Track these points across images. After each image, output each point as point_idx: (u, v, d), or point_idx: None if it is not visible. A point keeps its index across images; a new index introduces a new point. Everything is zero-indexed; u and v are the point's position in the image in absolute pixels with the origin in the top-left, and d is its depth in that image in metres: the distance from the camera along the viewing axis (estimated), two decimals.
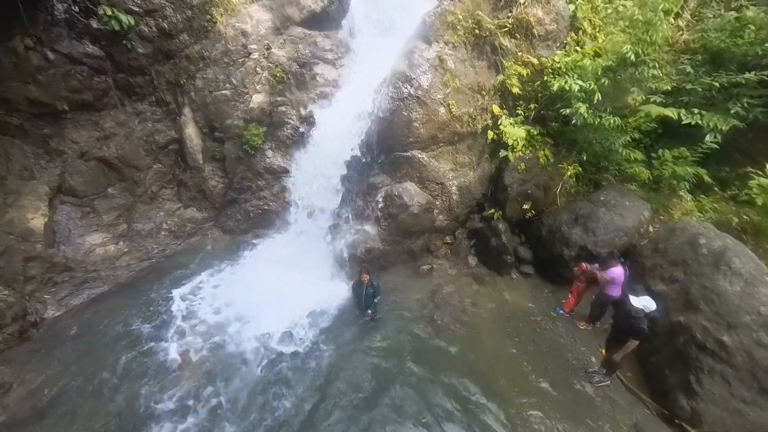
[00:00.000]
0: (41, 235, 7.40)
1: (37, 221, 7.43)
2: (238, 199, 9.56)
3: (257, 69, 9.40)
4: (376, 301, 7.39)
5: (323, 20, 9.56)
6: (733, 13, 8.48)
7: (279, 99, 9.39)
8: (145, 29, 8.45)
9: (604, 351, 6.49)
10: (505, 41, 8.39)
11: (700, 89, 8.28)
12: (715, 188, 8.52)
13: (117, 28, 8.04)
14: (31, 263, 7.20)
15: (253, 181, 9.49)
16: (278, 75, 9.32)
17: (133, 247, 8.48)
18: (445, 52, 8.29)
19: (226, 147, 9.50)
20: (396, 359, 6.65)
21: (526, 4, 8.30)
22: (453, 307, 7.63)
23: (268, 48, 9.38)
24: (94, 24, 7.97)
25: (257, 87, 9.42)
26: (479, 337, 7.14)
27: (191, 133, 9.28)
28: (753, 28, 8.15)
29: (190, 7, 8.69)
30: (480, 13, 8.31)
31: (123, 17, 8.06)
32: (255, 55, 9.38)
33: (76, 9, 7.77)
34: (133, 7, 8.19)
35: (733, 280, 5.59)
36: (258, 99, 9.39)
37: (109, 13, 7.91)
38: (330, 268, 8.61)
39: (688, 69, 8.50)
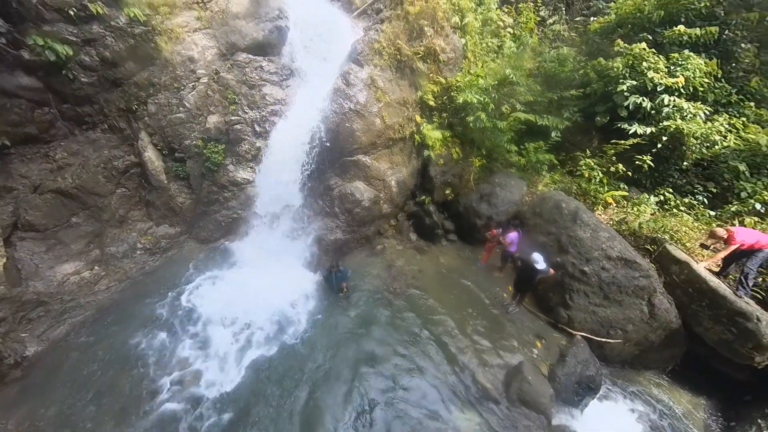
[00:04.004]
0: (2, 277, 5.90)
1: None
2: (207, 211, 8.70)
3: (208, 92, 8.45)
4: (344, 283, 7.53)
5: (266, 46, 8.84)
6: (556, 51, 10.10)
7: (233, 118, 8.60)
8: (86, 58, 7.00)
9: (511, 288, 7.63)
10: (420, 65, 8.73)
11: (545, 101, 9.73)
12: (559, 167, 10.07)
13: (53, 58, 6.54)
14: None
15: (219, 193, 8.69)
16: (230, 96, 8.50)
17: (110, 270, 7.29)
18: (375, 73, 8.37)
19: (189, 165, 8.50)
20: (369, 321, 6.98)
21: (432, 36, 8.71)
22: (405, 275, 8.12)
23: (217, 72, 8.45)
24: (26, 55, 6.38)
25: (211, 108, 8.50)
26: (427, 293, 7.68)
27: (151, 155, 8.09)
28: (571, 60, 9.79)
29: (132, 36, 7.36)
30: (399, 42, 8.49)
31: (59, 47, 6.56)
32: (204, 80, 8.40)
33: (3, 41, 6.10)
34: (69, 37, 6.70)
35: (585, 230, 6.97)
36: (213, 119, 8.50)
37: (41, 43, 6.38)
38: (301, 261, 8.45)
39: (538, 87, 9.83)
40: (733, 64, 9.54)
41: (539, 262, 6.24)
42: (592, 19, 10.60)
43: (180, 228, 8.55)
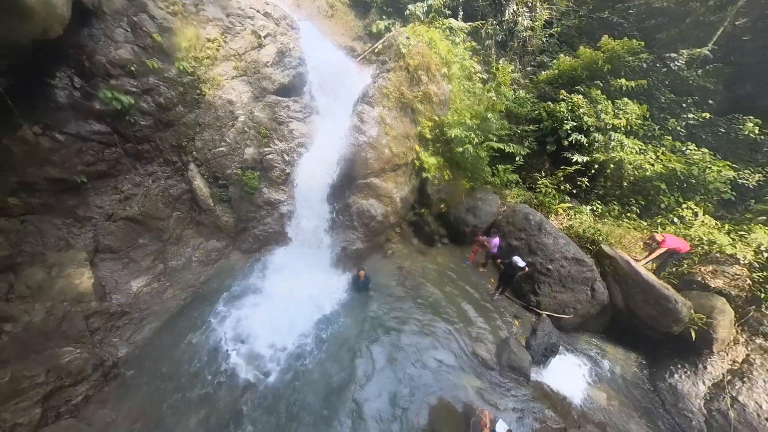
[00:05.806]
0: (92, 294, 6.45)
1: (85, 284, 6.41)
2: (247, 227, 9.30)
3: (245, 128, 8.99)
4: (370, 291, 8.42)
5: (290, 89, 9.47)
6: (515, 93, 11.58)
7: (266, 149, 9.20)
8: (144, 105, 7.39)
9: (493, 281, 9.01)
10: (419, 106, 9.73)
11: (511, 133, 11.16)
12: (522, 184, 11.62)
13: (119, 107, 6.93)
14: (92, 319, 6.32)
15: (256, 212, 9.30)
16: (263, 132, 9.09)
17: (174, 281, 7.79)
18: (384, 112, 9.25)
19: (231, 191, 9.03)
20: (389, 312, 7.95)
21: (427, 83, 9.75)
22: (413, 274, 9.15)
23: (251, 112, 9.00)
24: (97, 105, 6.71)
25: (247, 142, 9.05)
26: (431, 287, 8.74)
27: (199, 183, 8.55)
28: (528, 103, 11.31)
29: (181, 84, 7.79)
30: (402, 87, 9.44)
31: (123, 98, 6.97)
32: (241, 118, 8.93)
33: (78, 94, 6.42)
34: (131, 89, 7.09)
35: (549, 237, 8.44)
36: (249, 151, 9.06)
37: (110, 95, 6.77)
38: (330, 267, 9.29)
39: (505, 122, 11.23)
40: (656, 106, 11.40)
41: (520, 261, 7.63)
42: (543, 72, 12.19)
43: (225, 242, 9.09)
